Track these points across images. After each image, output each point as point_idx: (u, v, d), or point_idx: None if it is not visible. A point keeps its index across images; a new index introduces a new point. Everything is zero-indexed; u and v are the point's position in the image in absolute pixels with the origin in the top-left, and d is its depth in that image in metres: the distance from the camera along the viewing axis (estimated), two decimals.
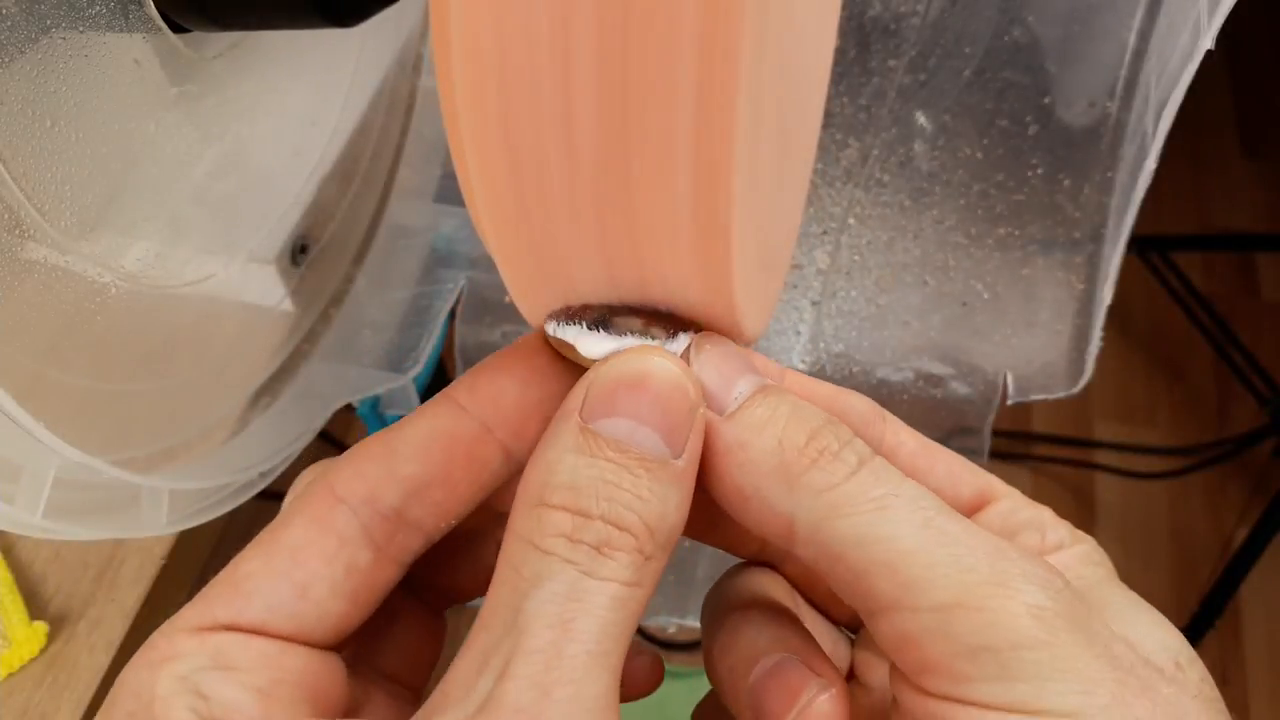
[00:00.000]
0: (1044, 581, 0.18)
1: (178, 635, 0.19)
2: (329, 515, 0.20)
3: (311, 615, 0.20)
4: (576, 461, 0.18)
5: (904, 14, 0.46)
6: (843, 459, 0.19)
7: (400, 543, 0.21)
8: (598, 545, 0.18)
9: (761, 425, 0.20)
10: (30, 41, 0.25)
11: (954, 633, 0.17)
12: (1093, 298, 0.50)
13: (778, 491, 0.19)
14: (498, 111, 0.17)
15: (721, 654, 0.22)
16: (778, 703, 0.21)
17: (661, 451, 0.19)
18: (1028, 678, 0.17)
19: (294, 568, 0.20)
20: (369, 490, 0.20)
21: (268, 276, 0.38)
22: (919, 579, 0.18)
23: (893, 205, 0.51)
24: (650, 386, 0.19)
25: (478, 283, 0.53)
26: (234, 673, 0.19)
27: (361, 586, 0.20)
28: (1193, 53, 0.36)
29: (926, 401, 0.54)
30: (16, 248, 0.27)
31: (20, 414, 0.25)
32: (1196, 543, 1.31)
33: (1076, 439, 1.38)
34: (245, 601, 0.19)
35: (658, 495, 0.19)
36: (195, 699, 0.18)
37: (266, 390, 0.41)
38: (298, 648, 0.19)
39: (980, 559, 0.18)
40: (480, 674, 0.17)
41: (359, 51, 0.42)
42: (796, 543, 0.19)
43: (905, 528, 0.18)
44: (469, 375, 0.22)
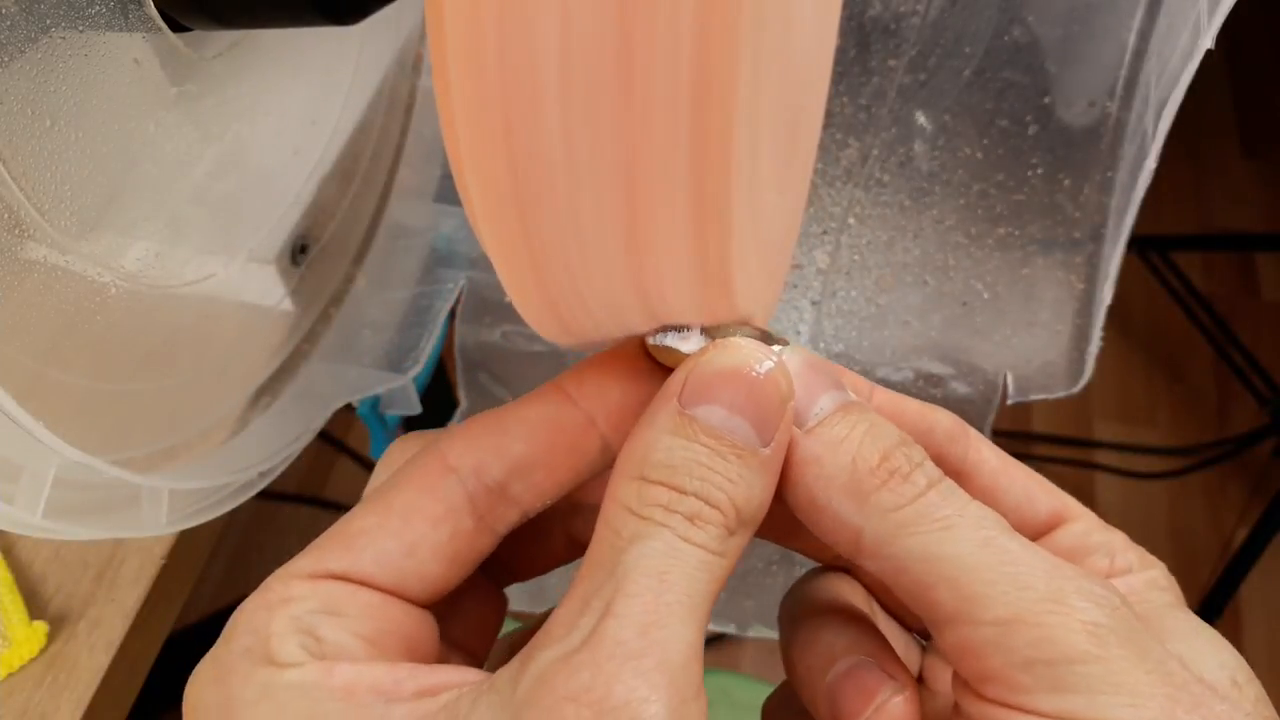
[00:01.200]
0: (1099, 599, 0.19)
1: (292, 580, 0.20)
2: (439, 482, 0.21)
3: (415, 573, 0.21)
4: (673, 443, 0.20)
5: (904, 14, 0.46)
6: (913, 481, 0.20)
7: (499, 515, 0.22)
8: (690, 516, 0.19)
9: (838, 442, 0.21)
10: (30, 41, 0.25)
11: (1011, 646, 0.18)
12: (1093, 298, 0.50)
13: (849, 507, 0.21)
14: (494, 116, 0.17)
15: (800, 654, 0.24)
16: (854, 702, 0.22)
17: (751, 440, 0.20)
18: (1080, 690, 0.18)
19: (404, 527, 0.21)
20: (478, 462, 0.22)
21: (268, 276, 0.38)
22: (979, 594, 0.19)
23: (893, 205, 0.51)
24: (746, 378, 0.20)
25: (478, 283, 0.53)
26: (343, 618, 0.20)
27: (461, 551, 0.22)
28: (1193, 53, 0.36)
29: (926, 401, 0.54)
30: (16, 248, 0.27)
31: (20, 414, 0.25)
32: (1196, 543, 1.31)
33: (1076, 439, 1.38)
34: (356, 555, 0.21)
35: (745, 479, 0.20)
36: (308, 638, 0.19)
37: (266, 390, 0.41)
38: (399, 602, 0.21)
39: (1038, 577, 0.19)
40: (583, 614, 0.19)
41: (359, 51, 0.42)
42: (864, 555, 0.21)
43: (967, 546, 0.19)
44: (577, 368, 0.23)
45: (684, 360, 0.21)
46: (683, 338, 0.21)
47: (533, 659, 0.18)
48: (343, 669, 0.19)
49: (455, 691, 0.19)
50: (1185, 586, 0.94)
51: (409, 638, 0.21)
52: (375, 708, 0.18)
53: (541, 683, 0.18)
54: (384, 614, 0.20)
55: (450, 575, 0.22)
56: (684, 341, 0.21)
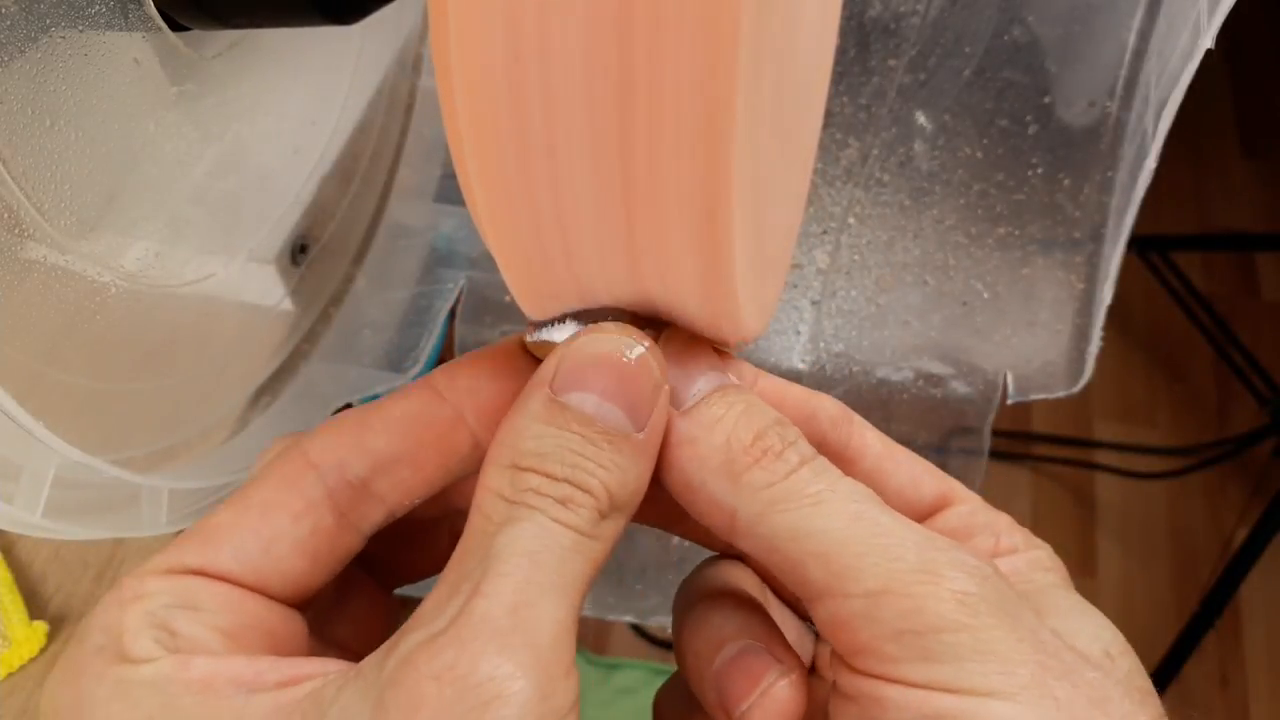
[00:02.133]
0: (970, 569, 0.19)
1: (147, 577, 0.20)
2: (299, 478, 0.21)
3: (274, 569, 0.21)
4: (545, 430, 0.20)
5: (904, 13, 0.46)
6: (785, 458, 0.20)
7: (363, 513, 0.22)
8: (562, 500, 0.19)
9: (712, 423, 0.21)
10: (30, 41, 0.25)
11: (881, 617, 0.19)
12: (1093, 297, 0.50)
13: (722, 486, 0.21)
14: (497, 111, 0.17)
15: (689, 639, 0.23)
16: (740, 687, 0.22)
17: (624, 425, 0.20)
18: (949, 659, 0.18)
19: (262, 523, 0.21)
20: (339, 458, 0.21)
21: (267, 276, 0.38)
22: (849, 567, 0.19)
23: (893, 205, 0.51)
24: (616, 364, 0.20)
25: (478, 282, 0.53)
26: (200, 613, 0.20)
27: (323, 549, 0.21)
28: (1193, 52, 0.36)
29: (926, 401, 0.54)
30: (16, 248, 0.27)
31: (20, 413, 0.25)
32: (1196, 543, 1.31)
33: (1076, 439, 1.38)
34: (214, 550, 0.20)
35: (618, 465, 0.20)
36: (162, 633, 0.19)
37: (266, 390, 0.41)
38: (260, 598, 0.20)
39: (909, 549, 0.19)
40: (451, 597, 0.18)
41: (359, 51, 0.42)
42: (738, 535, 0.21)
43: (838, 520, 0.20)
44: (449, 366, 0.23)
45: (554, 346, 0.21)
46: (558, 330, 0.21)
47: (399, 643, 0.18)
48: (199, 662, 0.19)
49: (320, 680, 0.18)
50: (1185, 586, 0.94)
51: (272, 634, 0.20)
52: (235, 699, 0.18)
53: (405, 663, 0.17)
54: (243, 609, 0.20)
55: (313, 573, 0.21)
56: (560, 333, 0.21)
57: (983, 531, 0.23)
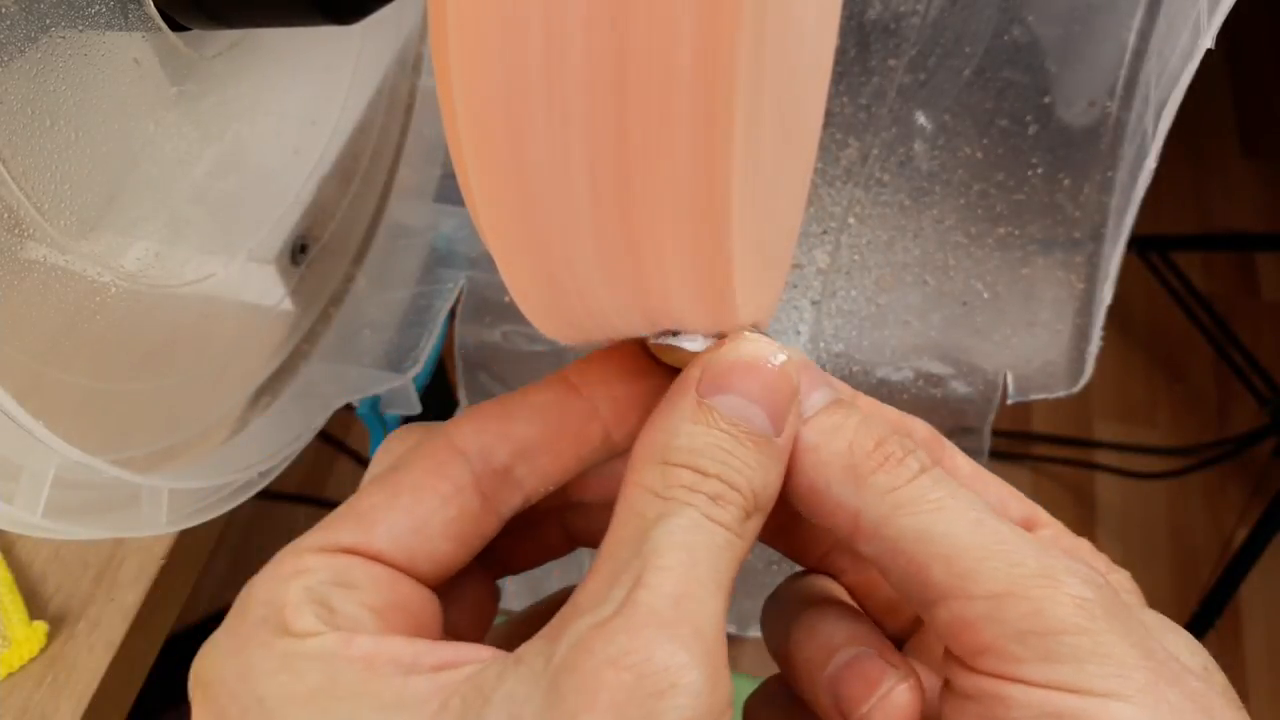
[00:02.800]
0: (1087, 576, 0.20)
1: (304, 554, 0.21)
2: (447, 463, 0.22)
3: (424, 550, 0.21)
4: (695, 429, 0.21)
5: (904, 13, 0.46)
6: (906, 465, 0.21)
7: (503, 498, 0.23)
8: (714, 496, 0.20)
9: (834, 430, 0.22)
10: (30, 41, 0.25)
11: (1004, 618, 0.19)
12: (1093, 297, 0.50)
13: (846, 489, 0.21)
14: (496, 115, 0.17)
15: (799, 646, 0.24)
16: (857, 691, 0.23)
17: (767, 428, 0.21)
18: (1070, 660, 0.19)
19: (414, 504, 0.21)
20: (485, 445, 0.22)
21: (267, 276, 0.38)
22: (973, 570, 0.20)
23: (893, 205, 0.51)
24: (761, 369, 0.21)
25: (478, 282, 0.53)
26: (354, 591, 0.20)
27: (468, 531, 0.22)
28: (1193, 52, 0.36)
29: (926, 401, 0.54)
30: (16, 247, 0.27)
31: (20, 413, 0.25)
32: (1196, 543, 1.31)
33: (1076, 439, 1.38)
34: (368, 529, 0.21)
35: (761, 465, 0.21)
36: (321, 609, 0.20)
37: (266, 390, 0.41)
38: (408, 579, 0.21)
39: (1028, 555, 0.20)
40: (613, 587, 0.19)
41: (359, 51, 0.42)
42: (860, 537, 0.22)
43: (961, 525, 0.20)
44: (582, 361, 0.24)
45: (686, 357, 0.22)
46: (685, 338, 0.22)
47: (565, 630, 0.18)
48: (361, 640, 0.19)
49: (475, 665, 0.19)
50: (1185, 586, 0.94)
51: (417, 616, 0.21)
52: (394, 679, 0.19)
53: (579, 648, 0.18)
54: (394, 589, 0.21)
55: (457, 555, 0.22)
56: (687, 340, 0.22)
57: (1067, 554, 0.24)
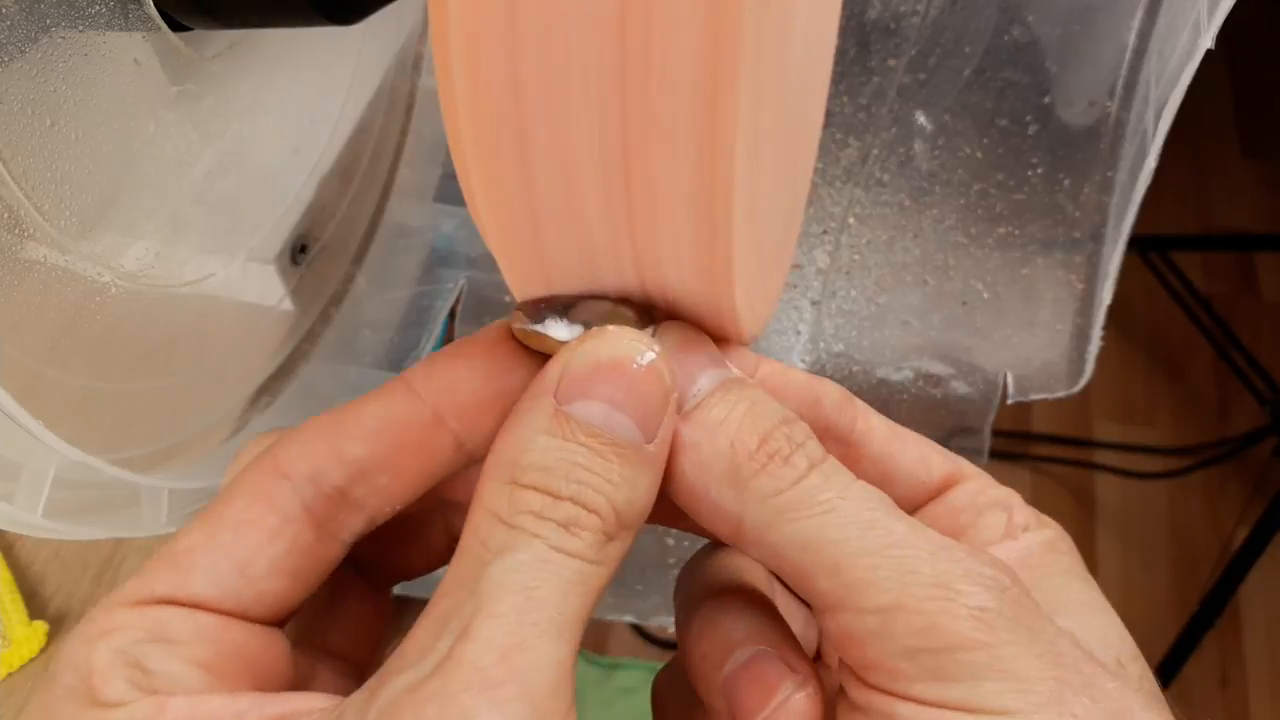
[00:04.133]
0: (988, 582, 0.18)
1: (116, 609, 0.19)
2: (272, 491, 0.20)
3: (252, 591, 0.19)
4: (549, 443, 0.18)
5: (904, 13, 0.46)
6: (793, 463, 0.19)
7: (342, 522, 0.21)
8: (565, 524, 0.18)
9: (715, 426, 0.20)
10: (30, 41, 0.25)
11: (894, 634, 0.18)
12: (1093, 297, 0.50)
13: (727, 494, 0.19)
14: (497, 109, 0.17)
15: (696, 640, 0.22)
16: (753, 698, 0.21)
17: (634, 437, 0.19)
18: (964, 678, 0.17)
19: (235, 543, 0.19)
20: (313, 468, 0.20)
21: (267, 276, 0.38)
22: (861, 581, 0.18)
23: (893, 205, 0.51)
24: (627, 371, 0.19)
25: (478, 282, 0.53)
26: (174, 646, 0.18)
27: (303, 564, 0.20)
28: (1193, 52, 0.36)
29: (926, 401, 0.54)
30: (16, 247, 0.27)
31: (20, 413, 0.25)
32: (1196, 543, 1.31)
33: (1076, 439, 1.38)
34: (185, 576, 0.19)
35: (627, 480, 0.19)
36: (134, 671, 0.18)
37: (266, 390, 0.41)
38: (239, 623, 0.19)
39: (923, 561, 0.18)
40: (439, 637, 0.17)
41: (359, 51, 0.42)
42: (745, 544, 0.20)
43: (851, 530, 0.19)
44: (426, 362, 0.21)
45: (556, 349, 0.20)
46: (555, 326, 0.20)
47: (382, 687, 0.17)
48: (176, 704, 0.17)
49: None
50: (1185, 586, 0.94)
51: (253, 660, 0.19)
52: None
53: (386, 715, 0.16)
54: (220, 637, 0.19)
55: (294, 590, 0.20)
56: (553, 327, 0.20)
57: (993, 508, 0.23)
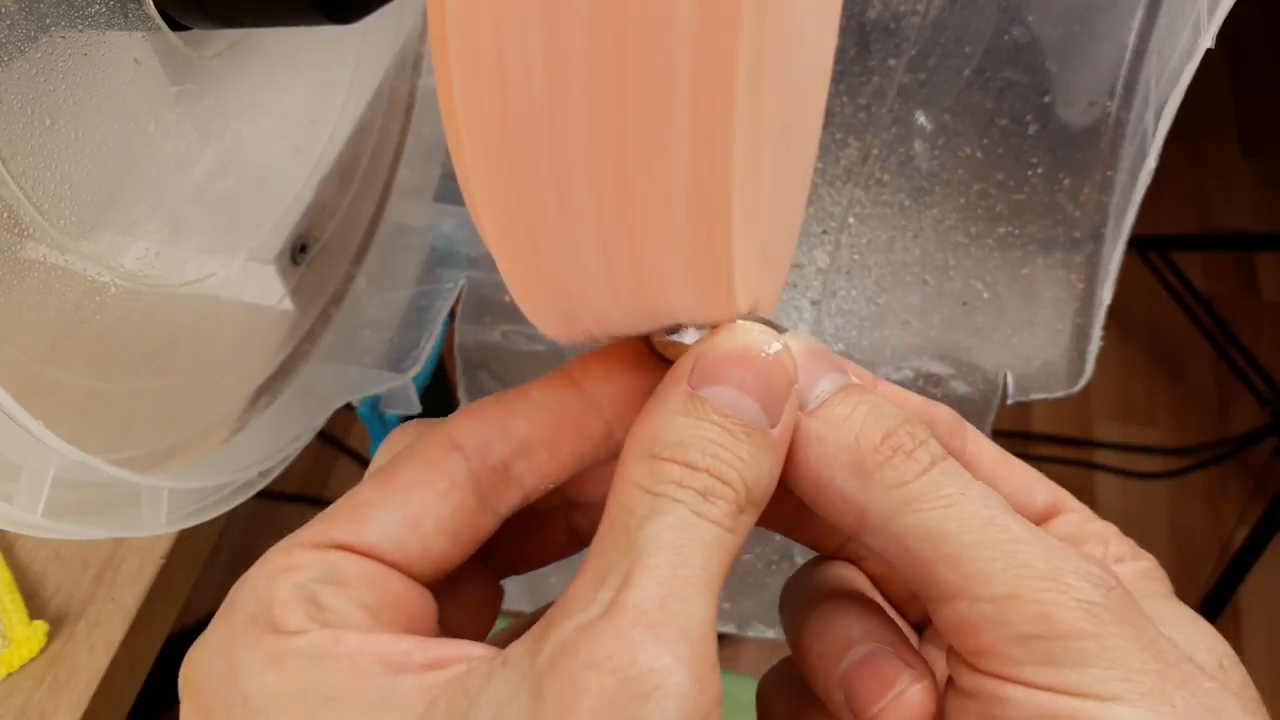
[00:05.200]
0: (1096, 579, 0.19)
1: (295, 550, 0.20)
2: (444, 459, 0.22)
3: (418, 547, 0.21)
4: (684, 422, 0.20)
5: (904, 13, 0.46)
6: (916, 458, 0.21)
7: (501, 495, 0.22)
8: (703, 492, 0.20)
9: (840, 421, 0.21)
10: (30, 40, 0.25)
11: (1009, 621, 0.19)
12: (1093, 297, 0.50)
13: (852, 484, 0.21)
14: (496, 115, 0.17)
15: (813, 640, 0.24)
16: (871, 689, 0.22)
17: (760, 420, 0.20)
18: (1073, 664, 0.18)
19: (409, 501, 0.21)
20: (483, 440, 0.22)
21: (267, 276, 0.38)
22: (979, 571, 0.19)
23: (893, 205, 0.51)
24: (754, 359, 0.21)
25: (478, 282, 0.53)
26: (346, 588, 0.20)
27: (464, 529, 0.22)
28: (1193, 52, 0.36)
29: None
30: (16, 247, 0.27)
31: (20, 413, 0.25)
32: (1196, 543, 1.31)
33: (1076, 439, 1.38)
34: (361, 525, 0.21)
35: (755, 458, 0.20)
36: (311, 606, 0.19)
37: (266, 390, 0.41)
38: (402, 576, 0.21)
39: (1037, 556, 0.19)
40: (600, 588, 0.18)
41: (359, 50, 0.42)
42: (867, 533, 0.21)
43: (970, 523, 0.20)
44: (584, 357, 0.23)
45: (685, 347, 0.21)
46: (689, 333, 0.21)
47: (550, 631, 0.18)
48: (350, 638, 0.19)
49: (464, 665, 0.19)
50: (1185, 586, 0.94)
51: (410, 613, 0.21)
52: (381, 678, 0.18)
53: (563, 651, 0.17)
54: (387, 586, 0.20)
55: (452, 553, 0.22)
56: (689, 335, 0.21)
57: (1092, 540, 0.24)
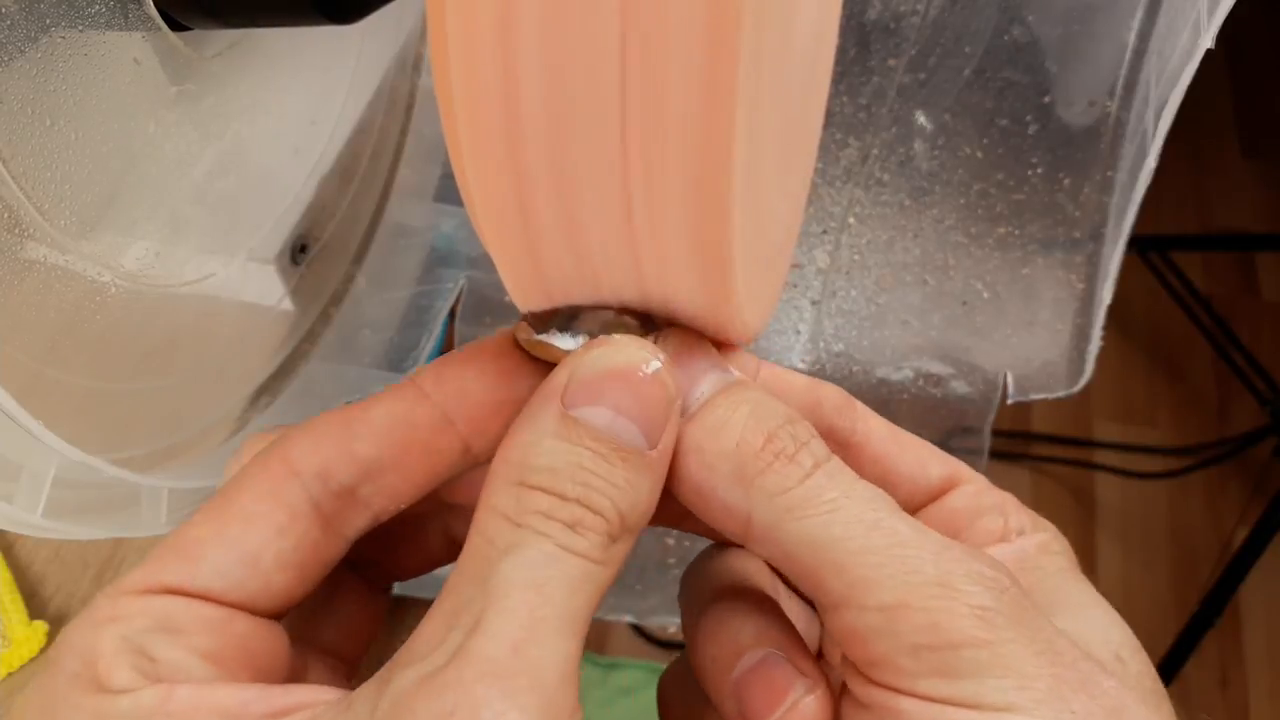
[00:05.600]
0: (988, 581, 0.19)
1: (122, 597, 0.19)
2: (281, 486, 0.20)
3: (258, 584, 0.19)
4: (556, 445, 0.19)
5: (904, 13, 0.46)
6: (798, 462, 0.20)
7: (347, 520, 0.21)
8: (571, 524, 0.18)
9: (720, 427, 0.20)
10: (30, 41, 0.25)
11: (897, 631, 0.18)
12: (1093, 297, 0.50)
13: (735, 493, 0.20)
14: (495, 116, 0.17)
15: (704, 643, 0.23)
16: (763, 701, 0.21)
17: (638, 442, 0.19)
18: (967, 674, 0.18)
19: (244, 536, 0.20)
20: (323, 465, 0.20)
21: (267, 276, 0.38)
22: (866, 579, 0.19)
23: (893, 205, 0.51)
24: (633, 378, 0.20)
25: (477, 282, 0.53)
26: (180, 635, 0.18)
27: (309, 559, 0.20)
28: (1193, 52, 0.36)
29: (926, 401, 0.54)
30: (16, 247, 0.27)
31: (20, 413, 0.25)
32: (1196, 543, 1.31)
33: (1076, 439, 1.38)
34: (194, 566, 0.19)
35: (631, 484, 0.19)
36: (140, 659, 0.18)
37: (266, 390, 0.41)
38: (243, 615, 0.19)
39: (926, 560, 0.19)
40: (449, 630, 0.17)
41: (359, 50, 0.42)
42: (753, 541, 0.20)
43: (856, 529, 0.19)
44: (436, 364, 0.22)
45: (561, 358, 0.20)
46: (560, 337, 0.20)
47: (392, 678, 0.17)
48: (182, 692, 0.17)
49: (308, 713, 0.17)
50: (1185, 586, 0.94)
51: (256, 653, 0.19)
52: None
53: (400, 705, 0.16)
54: (227, 629, 0.19)
55: (298, 584, 0.20)
56: (558, 338, 0.20)
57: (990, 511, 0.23)
